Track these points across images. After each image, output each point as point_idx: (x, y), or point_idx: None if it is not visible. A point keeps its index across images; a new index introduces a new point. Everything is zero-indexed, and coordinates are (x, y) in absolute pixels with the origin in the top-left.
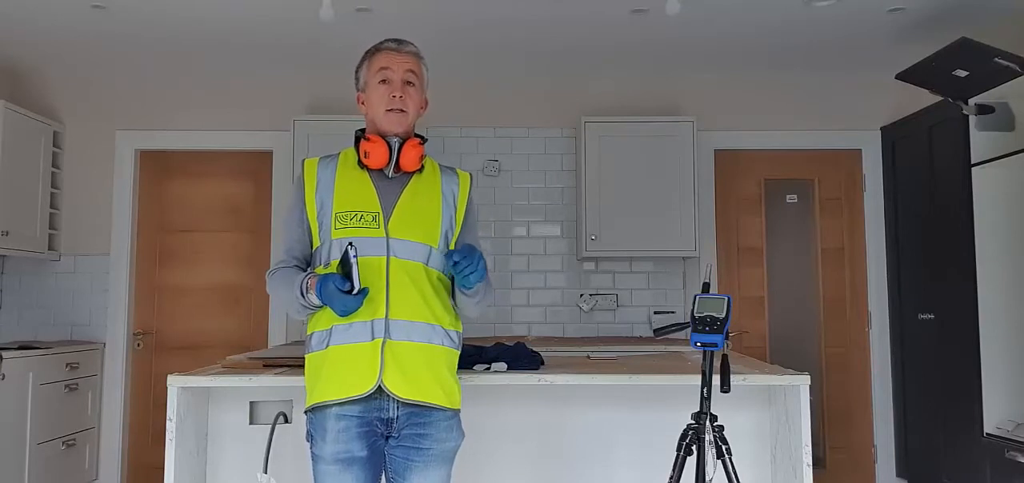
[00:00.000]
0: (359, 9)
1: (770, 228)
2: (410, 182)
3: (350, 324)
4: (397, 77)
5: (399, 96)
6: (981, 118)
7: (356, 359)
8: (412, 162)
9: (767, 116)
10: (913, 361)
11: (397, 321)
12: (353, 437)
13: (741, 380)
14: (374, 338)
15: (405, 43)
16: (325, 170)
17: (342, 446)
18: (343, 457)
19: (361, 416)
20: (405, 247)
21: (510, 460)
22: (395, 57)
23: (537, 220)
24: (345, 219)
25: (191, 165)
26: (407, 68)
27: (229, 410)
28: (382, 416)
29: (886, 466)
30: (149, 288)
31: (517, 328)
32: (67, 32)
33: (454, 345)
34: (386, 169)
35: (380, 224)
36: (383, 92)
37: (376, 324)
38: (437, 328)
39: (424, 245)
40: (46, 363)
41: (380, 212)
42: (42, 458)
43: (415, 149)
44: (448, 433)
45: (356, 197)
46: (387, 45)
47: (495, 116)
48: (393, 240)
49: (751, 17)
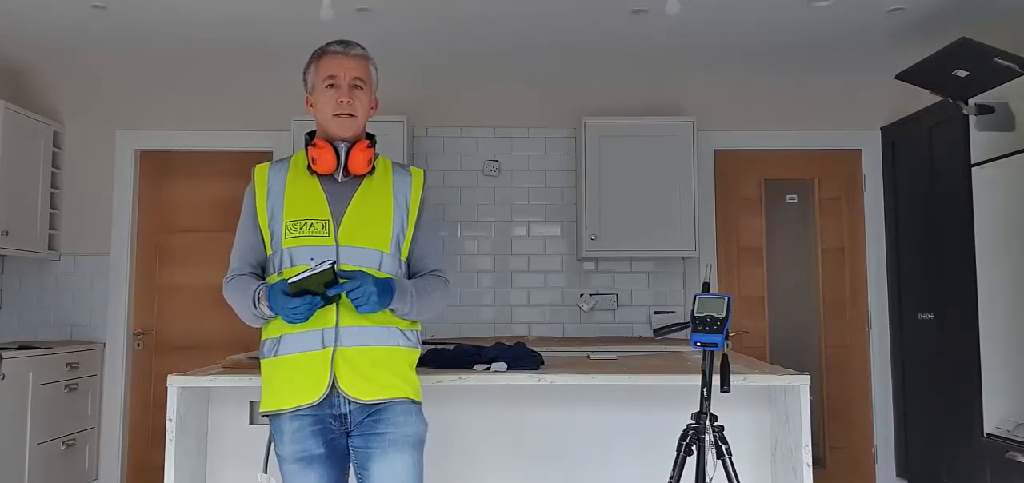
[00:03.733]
0: (359, 9)
1: (770, 228)
2: (361, 186)
3: (299, 333)
4: (344, 82)
5: (346, 101)
6: (981, 118)
7: (306, 367)
8: (361, 166)
9: (767, 116)
10: (913, 361)
11: (348, 328)
12: (308, 436)
13: (741, 380)
14: (324, 346)
15: (351, 45)
16: (276, 177)
17: (299, 446)
18: (302, 456)
19: (314, 415)
20: (355, 254)
21: (510, 460)
22: (342, 61)
23: (537, 220)
24: (295, 228)
25: (191, 165)
26: (354, 75)
27: (229, 410)
28: (334, 413)
29: (886, 466)
30: (149, 288)
31: (517, 328)
32: (67, 32)
33: (413, 344)
34: (335, 174)
35: (330, 232)
36: (330, 97)
37: (326, 333)
38: (392, 329)
39: (375, 250)
40: (46, 363)
41: (330, 219)
42: (42, 458)
43: (364, 152)
44: (406, 418)
45: (305, 204)
46: (333, 48)
47: (495, 116)
48: (343, 248)
49: (751, 17)
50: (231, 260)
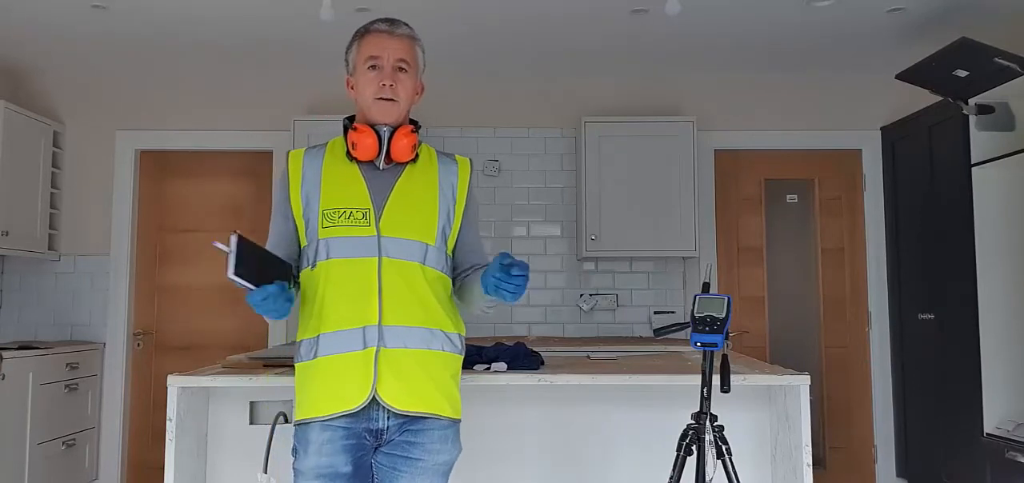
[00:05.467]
0: (359, 9)
1: (770, 228)
2: (403, 174)
3: (338, 331)
4: (388, 63)
5: (389, 84)
6: (981, 118)
7: (347, 370)
8: (404, 152)
9: (767, 116)
10: (913, 361)
11: (392, 327)
12: (338, 450)
13: (741, 380)
14: (366, 346)
15: (397, 24)
16: (311, 163)
17: (325, 460)
18: (326, 473)
19: (348, 427)
20: (398, 246)
21: (510, 460)
22: (386, 41)
23: (537, 220)
24: (333, 217)
25: (191, 165)
26: (399, 56)
27: (229, 410)
28: (371, 427)
29: (886, 466)
30: (149, 288)
31: (517, 328)
32: (67, 32)
33: (457, 350)
34: (376, 161)
35: (371, 222)
36: (372, 79)
37: (368, 331)
38: (437, 332)
39: (419, 243)
40: (46, 363)
41: (371, 208)
42: (42, 458)
43: (408, 138)
44: (442, 445)
45: (344, 192)
46: (377, 26)
47: (495, 116)
48: (385, 239)
49: (751, 17)
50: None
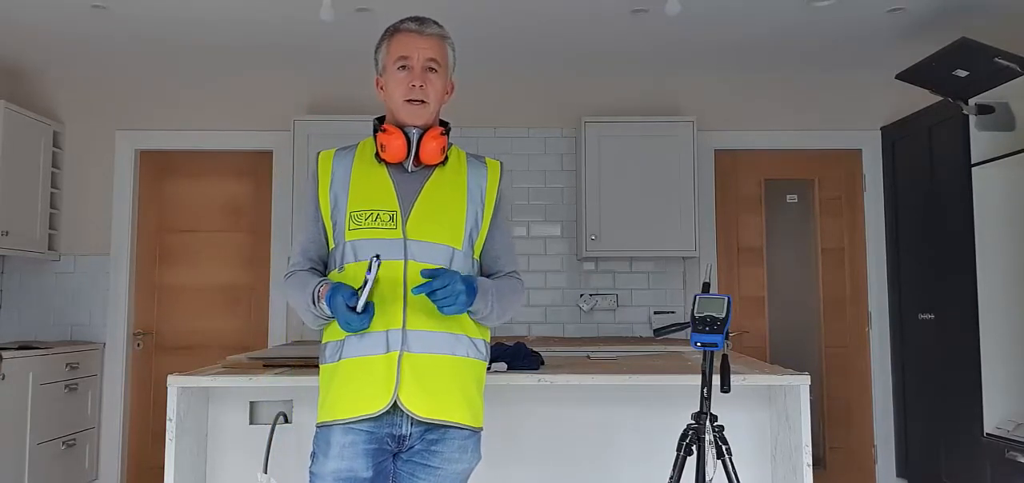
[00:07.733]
0: (359, 9)
1: (770, 228)
2: (432, 176)
3: (363, 335)
4: (417, 64)
5: (419, 85)
6: (981, 118)
7: (369, 373)
8: (433, 155)
9: (767, 116)
10: (913, 361)
11: (416, 332)
12: (359, 454)
13: (741, 380)
14: (389, 350)
15: (427, 23)
16: (341, 163)
17: (345, 464)
18: (345, 476)
19: (371, 432)
20: (425, 250)
21: (509, 460)
22: (416, 40)
23: (537, 220)
24: (359, 219)
25: (191, 165)
26: (429, 56)
27: (229, 410)
28: (394, 432)
29: (886, 466)
30: (149, 288)
31: (517, 328)
32: (67, 32)
33: (481, 356)
34: (405, 163)
35: (398, 224)
36: (401, 80)
37: (392, 335)
38: (461, 338)
39: (446, 246)
40: (46, 363)
41: (398, 211)
42: (42, 458)
43: (436, 140)
44: (462, 454)
45: (372, 194)
46: (406, 25)
47: (495, 116)
48: (412, 242)
49: (751, 17)
50: (291, 255)
